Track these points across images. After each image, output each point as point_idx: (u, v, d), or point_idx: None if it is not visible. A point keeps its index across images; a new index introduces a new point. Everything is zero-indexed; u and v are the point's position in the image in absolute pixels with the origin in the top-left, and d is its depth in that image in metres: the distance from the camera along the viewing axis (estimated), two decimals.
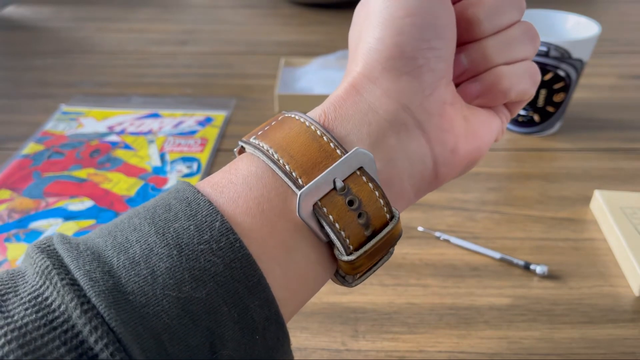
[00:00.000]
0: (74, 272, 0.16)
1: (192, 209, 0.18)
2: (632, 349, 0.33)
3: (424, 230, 0.42)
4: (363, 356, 0.32)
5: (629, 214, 0.41)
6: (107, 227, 0.19)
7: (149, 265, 0.17)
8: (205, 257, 0.17)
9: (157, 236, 0.18)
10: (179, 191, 0.20)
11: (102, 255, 0.17)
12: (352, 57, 0.23)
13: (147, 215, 0.19)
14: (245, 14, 0.91)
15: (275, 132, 0.21)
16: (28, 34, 0.83)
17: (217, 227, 0.18)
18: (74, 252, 0.17)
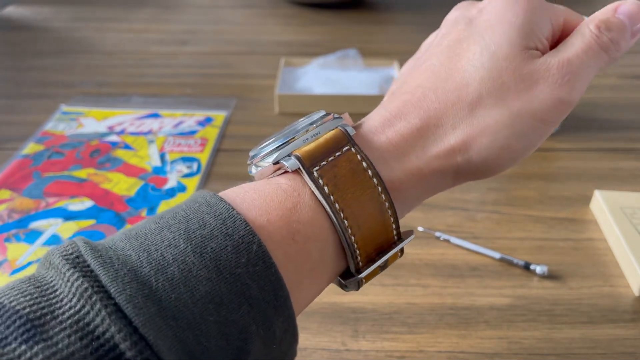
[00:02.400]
0: (115, 296, 0.16)
1: (227, 227, 0.18)
2: (632, 349, 0.33)
3: (424, 230, 0.42)
4: (363, 356, 0.32)
5: (629, 214, 0.41)
6: (136, 237, 0.18)
7: (188, 288, 0.17)
8: (242, 280, 0.18)
9: (194, 256, 0.17)
10: (210, 205, 0.19)
11: (139, 273, 0.17)
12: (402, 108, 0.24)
13: (179, 229, 0.18)
14: (245, 14, 0.91)
15: (347, 189, 0.21)
16: (28, 34, 0.83)
17: (254, 250, 0.18)
18: (111, 271, 0.16)
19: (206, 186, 0.48)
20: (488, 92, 0.23)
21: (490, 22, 0.24)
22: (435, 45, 0.26)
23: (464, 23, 0.25)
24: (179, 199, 0.46)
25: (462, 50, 0.24)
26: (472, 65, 0.23)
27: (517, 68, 0.23)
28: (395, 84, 0.28)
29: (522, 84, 0.23)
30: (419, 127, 0.23)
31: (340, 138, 0.21)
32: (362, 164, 0.21)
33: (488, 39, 0.24)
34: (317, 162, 0.21)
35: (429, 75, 0.24)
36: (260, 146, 0.23)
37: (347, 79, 0.64)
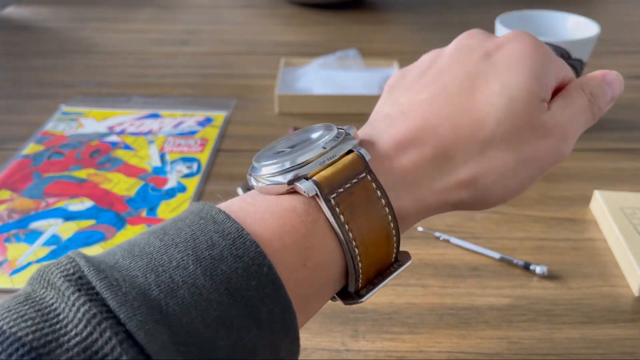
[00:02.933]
0: (125, 322, 0.15)
1: (237, 248, 0.18)
2: (632, 349, 0.33)
3: (424, 230, 0.42)
4: (363, 356, 0.32)
5: (628, 214, 0.41)
6: (140, 256, 0.17)
7: (199, 312, 0.16)
8: (253, 303, 0.17)
9: (204, 278, 0.17)
10: (217, 223, 0.19)
11: (148, 297, 0.16)
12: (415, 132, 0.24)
13: (187, 248, 0.18)
14: (245, 14, 0.91)
15: (361, 217, 0.21)
16: (28, 34, 0.83)
17: (264, 272, 0.18)
18: (119, 294, 0.15)
19: (206, 186, 0.48)
20: (502, 135, 0.23)
21: (509, 64, 0.24)
22: (447, 68, 0.25)
23: (481, 55, 0.25)
24: (178, 199, 0.46)
25: (480, 84, 0.24)
26: (489, 104, 0.23)
27: (532, 117, 0.24)
28: (396, 89, 0.27)
29: (534, 134, 0.24)
30: (432, 158, 0.23)
31: (357, 164, 0.21)
32: (376, 192, 0.21)
33: (507, 80, 0.24)
34: (334, 189, 0.20)
35: (443, 103, 0.24)
36: (267, 158, 0.22)
37: (347, 79, 0.64)
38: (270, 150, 0.23)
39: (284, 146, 0.23)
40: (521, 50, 0.25)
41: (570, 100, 0.25)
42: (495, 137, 0.23)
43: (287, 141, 0.24)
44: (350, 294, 0.22)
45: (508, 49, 0.25)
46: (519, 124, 0.23)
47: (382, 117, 0.25)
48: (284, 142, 0.24)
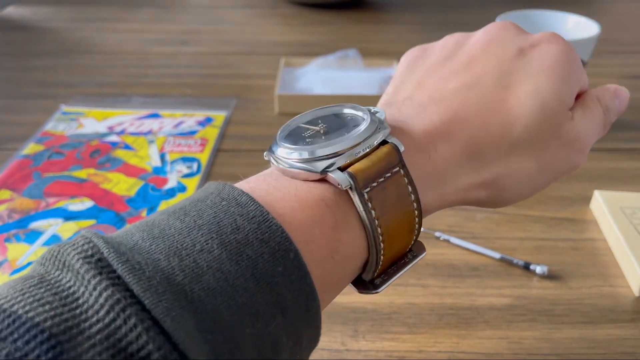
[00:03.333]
0: (151, 309, 0.14)
1: (263, 232, 0.17)
2: (632, 349, 0.33)
3: (424, 230, 0.42)
4: (363, 356, 0.32)
5: (628, 214, 0.41)
6: (161, 237, 0.17)
7: (225, 298, 0.16)
8: (278, 290, 0.17)
9: (230, 263, 0.16)
10: (241, 205, 0.18)
11: (172, 282, 0.15)
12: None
13: (211, 231, 0.17)
14: (245, 14, 0.91)
15: (391, 212, 0.20)
16: (28, 34, 0.83)
17: (290, 258, 0.17)
18: (143, 279, 0.15)
19: None
20: (529, 140, 0.23)
21: (543, 67, 0.24)
22: (480, 58, 0.25)
23: (515, 52, 0.25)
24: (179, 199, 0.46)
25: (513, 84, 0.24)
26: (520, 107, 0.23)
27: (558, 125, 0.24)
28: (417, 67, 0.26)
29: (557, 142, 0.24)
30: (460, 155, 0.23)
31: (392, 157, 0.20)
32: (407, 187, 0.21)
33: (540, 84, 0.23)
34: (368, 182, 0.20)
35: (476, 98, 0.23)
36: (295, 139, 0.21)
37: (347, 79, 0.64)
38: (296, 130, 0.22)
39: (311, 124, 0.22)
40: (555, 54, 0.24)
41: (589, 112, 0.26)
42: (522, 141, 0.23)
43: (313, 119, 0.23)
44: (365, 283, 0.22)
45: (542, 50, 0.25)
46: (546, 130, 0.23)
47: (405, 98, 0.24)
48: (309, 118, 0.23)
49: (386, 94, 0.26)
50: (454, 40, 0.27)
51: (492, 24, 0.27)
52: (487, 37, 0.26)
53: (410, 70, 0.26)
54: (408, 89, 0.25)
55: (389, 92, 0.26)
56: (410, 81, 0.25)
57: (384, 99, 0.26)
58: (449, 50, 0.26)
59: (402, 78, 0.26)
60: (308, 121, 0.23)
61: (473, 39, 0.26)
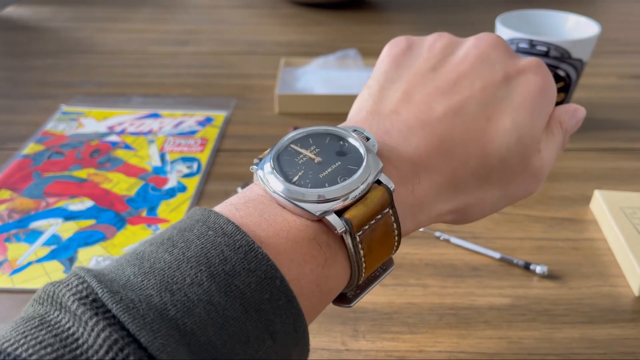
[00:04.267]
0: (147, 346, 0.15)
1: (249, 262, 0.18)
2: (632, 349, 0.33)
3: (424, 230, 0.42)
4: (363, 356, 0.32)
5: (629, 214, 0.41)
6: (152, 272, 0.17)
7: (216, 329, 0.16)
8: (267, 316, 0.17)
9: (220, 295, 0.17)
10: (227, 235, 0.18)
11: (165, 317, 0.16)
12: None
13: (199, 263, 0.17)
14: (245, 14, 0.91)
15: (376, 249, 0.21)
16: (28, 34, 0.83)
17: (277, 285, 0.18)
18: (137, 317, 0.15)
19: (206, 186, 0.48)
20: (499, 173, 0.24)
21: (525, 99, 0.25)
22: (466, 77, 0.25)
23: (501, 76, 0.25)
24: (179, 199, 0.46)
25: (495, 115, 0.24)
26: (498, 141, 0.24)
27: (528, 160, 0.25)
28: (403, 67, 0.26)
29: (523, 175, 0.25)
30: (439, 185, 0.23)
31: (385, 200, 0.21)
32: (393, 225, 0.22)
33: (519, 119, 0.24)
34: (362, 227, 0.20)
35: (458, 126, 0.24)
36: (290, 172, 0.21)
37: (347, 79, 0.64)
38: (288, 152, 0.22)
39: (303, 147, 0.22)
40: (538, 86, 0.25)
41: (552, 139, 0.27)
42: (495, 173, 0.24)
43: (304, 139, 0.23)
44: (340, 296, 0.23)
45: (526, 80, 0.25)
46: (517, 165, 0.25)
47: (391, 112, 0.24)
48: (300, 137, 0.23)
49: (370, 95, 0.26)
50: (441, 46, 0.27)
51: (483, 36, 0.27)
52: (476, 53, 0.26)
53: (395, 70, 0.26)
54: (393, 99, 0.25)
55: (373, 92, 0.26)
56: (395, 88, 0.26)
57: (368, 104, 0.25)
58: (437, 59, 0.26)
59: (386, 77, 0.26)
60: (300, 143, 0.23)
61: (462, 50, 0.26)
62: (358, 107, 0.26)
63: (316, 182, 0.21)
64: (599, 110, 0.59)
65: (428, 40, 0.27)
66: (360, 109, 0.26)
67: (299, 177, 0.21)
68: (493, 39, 0.26)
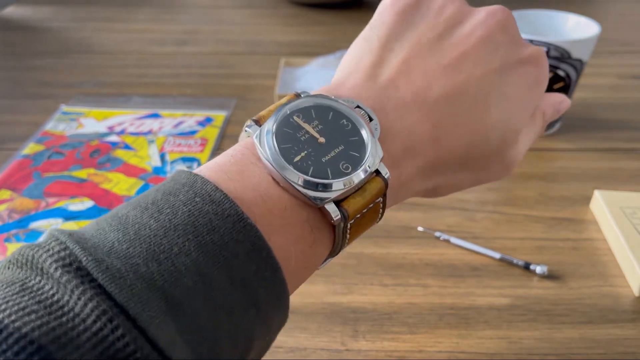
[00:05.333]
0: (136, 317, 0.14)
1: (237, 232, 0.17)
2: (632, 349, 0.33)
3: (423, 230, 0.42)
4: (363, 356, 0.32)
5: (629, 214, 0.41)
6: (137, 238, 0.16)
7: (203, 300, 0.16)
8: (253, 288, 0.17)
9: (207, 266, 0.17)
10: (215, 203, 0.18)
11: (153, 287, 0.15)
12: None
13: (186, 231, 0.17)
14: (245, 14, 0.91)
15: (360, 230, 0.22)
16: (28, 34, 0.83)
17: (263, 256, 0.18)
18: (125, 288, 0.15)
19: None
20: (477, 161, 0.25)
21: (518, 93, 0.25)
22: (469, 56, 0.24)
23: (501, 64, 0.24)
24: None
25: (487, 107, 0.24)
26: (484, 134, 0.24)
27: (505, 152, 0.26)
28: (409, 27, 0.25)
29: (497, 164, 0.26)
30: (422, 169, 0.24)
31: (381, 191, 0.21)
32: (380, 210, 0.22)
33: (508, 115, 0.25)
34: (355, 216, 0.21)
35: (452, 114, 0.23)
36: (292, 151, 0.20)
37: None
38: (289, 123, 0.21)
39: (305, 119, 0.21)
40: (533, 79, 0.25)
41: (532, 128, 0.27)
42: (473, 162, 0.25)
43: (307, 110, 0.21)
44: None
45: (525, 72, 0.25)
46: (495, 157, 0.25)
47: (389, 82, 0.23)
48: (303, 107, 0.21)
49: (369, 52, 0.25)
50: (451, 12, 0.25)
51: (494, 13, 0.25)
52: (482, 33, 0.25)
53: (399, 25, 0.25)
54: (393, 65, 0.24)
55: (373, 49, 0.25)
56: (396, 50, 0.24)
57: (366, 64, 0.24)
58: (443, 27, 0.25)
59: (389, 32, 0.25)
60: (302, 115, 0.21)
61: (470, 25, 0.25)
62: (355, 62, 0.25)
63: (318, 168, 0.20)
64: (599, 110, 0.59)
65: (438, 0, 0.26)
66: (357, 68, 0.24)
67: (301, 158, 0.20)
68: (503, 19, 0.25)
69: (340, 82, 0.24)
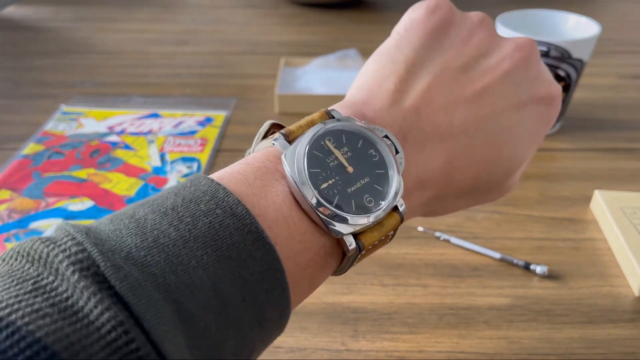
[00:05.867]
0: (149, 331, 0.14)
1: (257, 249, 0.17)
2: (632, 349, 0.33)
3: (424, 230, 0.42)
4: (363, 356, 0.32)
5: (629, 214, 0.41)
6: (156, 246, 0.16)
7: (214, 315, 0.16)
8: (263, 306, 0.18)
9: (224, 283, 0.17)
10: (237, 217, 0.18)
11: (168, 299, 0.15)
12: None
13: (206, 245, 0.17)
14: (245, 14, 0.91)
15: (372, 251, 0.22)
16: (28, 34, 0.83)
17: (277, 277, 0.18)
18: (143, 299, 0.15)
19: None
20: (479, 191, 0.26)
21: (531, 134, 0.26)
22: (492, 91, 0.24)
23: (522, 101, 0.25)
24: None
25: (500, 146, 0.24)
26: (493, 169, 0.25)
27: (507, 182, 0.27)
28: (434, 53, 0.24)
29: (495, 192, 0.27)
30: (428, 199, 0.24)
31: (397, 226, 0.22)
32: (389, 239, 0.23)
33: (519, 153, 0.25)
34: (368, 248, 0.21)
35: (466, 152, 0.24)
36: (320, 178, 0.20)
37: (347, 79, 0.64)
38: (320, 147, 0.21)
39: (337, 144, 0.21)
40: (546, 120, 0.26)
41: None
42: (474, 192, 0.26)
43: (338, 134, 0.21)
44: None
45: (540, 113, 0.26)
46: (494, 188, 0.26)
47: (412, 110, 0.23)
48: (336, 130, 0.21)
49: (394, 74, 0.24)
50: (479, 41, 0.25)
51: (521, 46, 0.25)
52: (508, 66, 0.24)
53: (428, 48, 0.24)
54: (417, 91, 0.23)
55: (398, 70, 0.24)
56: (423, 75, 0.24)
57: (391, 85, 0.24)
58: (470, 57, 0.25)
59: (416, 55, 0.24)
60: (334, 139, 0.21)
61: (496, 56, 0.25)
62: (379, 82, 0.24)
63: (343, 198, 0.20)
64: (599, 110, 0.59)
65: (468, 25, 0.25)
66: (381, 89, 0.24)
67: (328, 185, 0.20)
68: (529, 53, 0.25)
69: (364, 100, 0.24)
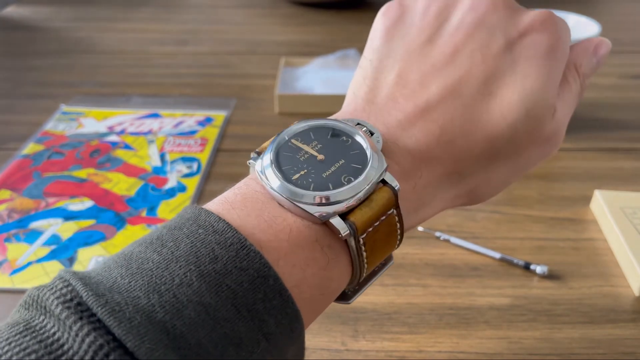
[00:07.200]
0: (134, 351, 0.14)
1: (241, 260, 0.17)
2: (632, 349, 0.33)
3: (424, 230, 0.42)
4: (363, 356, 0.32)
5: (629, 214, 0.41)
6: (139, 272, 0.16)
7: (206, 331, 0.16)
8: (260, 317, 0.17)
9: (210, 295, 0.16)
10: (218, 233, 0.17)
11: (153, 319, 0.15)
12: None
13: (189, 262, 0.17)
14: (245, 14, 0.91)
15: (379, 250, 0.21)
16: (28, 34, 0.83)
17: (270, 284, 0.17)
18: (124, 321, 0.15)
19: (206, 186, 0.48)
20: (507, 151, 0.23)
21: (532, 65, 0.22)
22: (463, 49, 0.23)
23: (502, 45, 0.23)
24: (179, 199, 0.46)
25: (498, 89, 0.22)
26: (505, 119, 0.22)
27: (540, 129, 0.23)
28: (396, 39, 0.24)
29: (535, 144, 0.23)
30: (441, 175, 0.22)
31: (391, 202, 0.20)
32: (397, 225, 0.21)
33: (526, 89, 0.22)
34: (366, 229, 0.20)
35: (459, 110, 0.22)
36: (292, 169, 0.20)
37: (347, 79, 0.64)
38: (288, 148, 0.21)
39: (304, 142, 0.21)
40: (545, 46, 0.23)
41: (567, 91, 0.24)
42: (503, 152, 0.23)
43: (305, 132, 0.21)
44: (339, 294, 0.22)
45: (532, 42, 0.23)
46: (528, 137, 0.23)
47: (388, 99, 0.23)
48: (301, 130, 0.21)
49: (364, 80, 0.24)
50: (435, 10, 0.24)
51: None
52: (472, 18, 0.23)
53: (388, 44, 0.24)
54: (389, 83, 0.23)
55: (367, 75, 0.24)
56: (389, 68, 0.24)
57: (363, 91, 0.24)
58: (431, 28, 0.24)
59: (379, 55, 0.24)
60: (301, 137, 0.21)
61: (457, 15, 0.24)
62: (353, 93, 0.24)
63: (319, 183, 0.19)
64: (599, 110, 0.59)
65: (420, 4, 0.25)
66: (356, 96, 0.24)
67: (300, 176, 0.20)
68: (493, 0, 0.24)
69: (341, 112, 0.24)
